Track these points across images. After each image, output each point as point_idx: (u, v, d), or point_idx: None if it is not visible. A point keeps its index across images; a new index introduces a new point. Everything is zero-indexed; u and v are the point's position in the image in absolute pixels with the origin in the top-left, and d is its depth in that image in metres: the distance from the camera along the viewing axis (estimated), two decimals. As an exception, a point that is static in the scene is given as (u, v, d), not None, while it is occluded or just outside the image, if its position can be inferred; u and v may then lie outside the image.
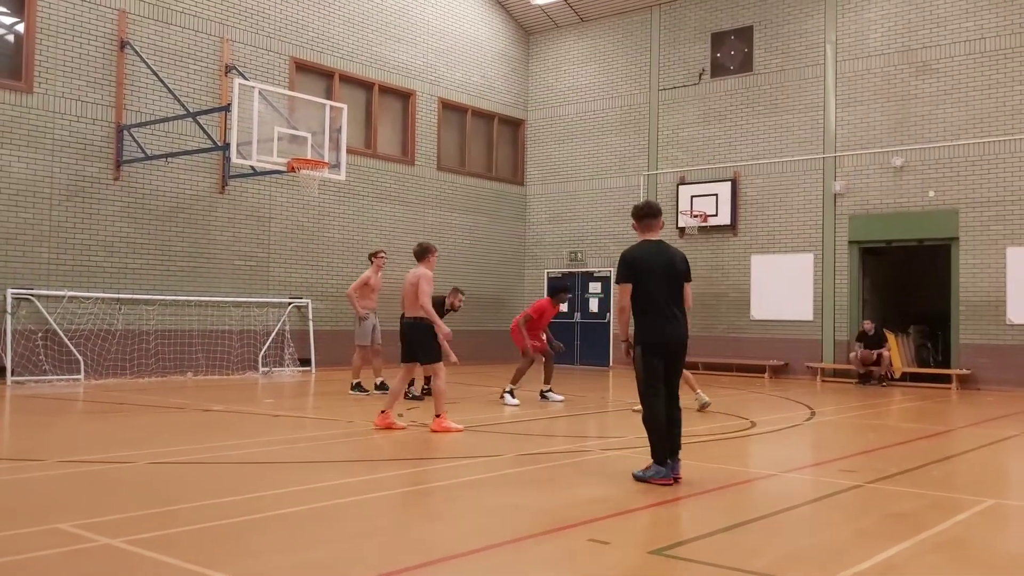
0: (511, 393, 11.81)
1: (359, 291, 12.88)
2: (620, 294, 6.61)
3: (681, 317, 6.61)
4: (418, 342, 9.13)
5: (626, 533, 5.18)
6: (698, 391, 11.19)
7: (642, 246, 6.68)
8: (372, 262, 13.13)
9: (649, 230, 6.73)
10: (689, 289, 6.75)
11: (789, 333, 18.32)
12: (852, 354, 16.89)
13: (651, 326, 6.54)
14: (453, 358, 9.73)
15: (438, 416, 9.02)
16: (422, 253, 9.40)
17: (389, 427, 9.08)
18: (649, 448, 6.50)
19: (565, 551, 4.79)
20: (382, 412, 9.19)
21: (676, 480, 6.40)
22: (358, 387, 12.82)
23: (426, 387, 12.64)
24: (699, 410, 10.99)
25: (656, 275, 6.52)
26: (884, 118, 17.39)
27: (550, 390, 12.37)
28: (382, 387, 13.03)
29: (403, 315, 9.41)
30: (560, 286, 12.78)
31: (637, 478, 6.47)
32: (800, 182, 18.38)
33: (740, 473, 7.08)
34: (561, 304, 12.54)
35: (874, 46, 17.62)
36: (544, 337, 12.44)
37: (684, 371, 10.97)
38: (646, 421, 6.51)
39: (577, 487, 6.52)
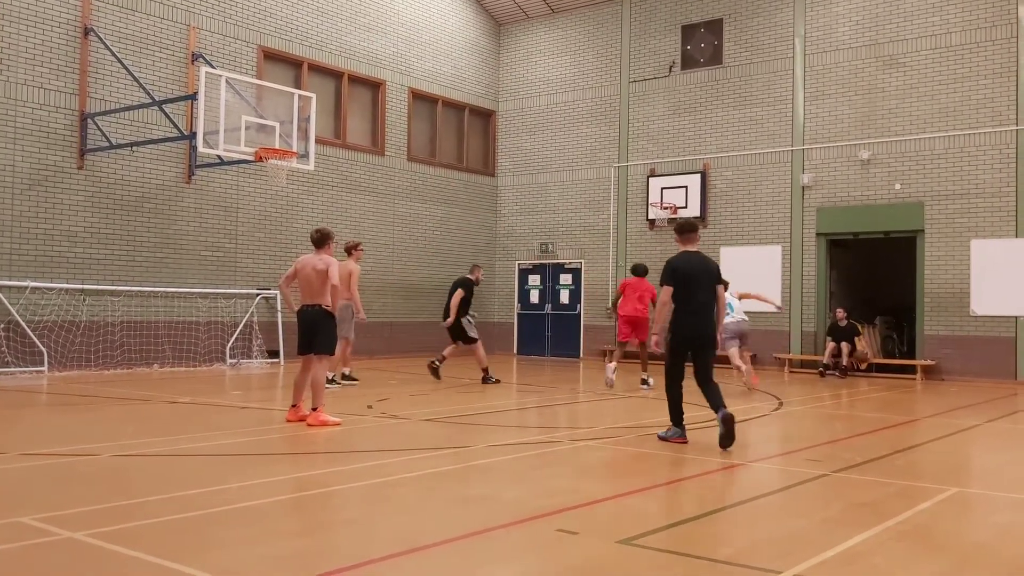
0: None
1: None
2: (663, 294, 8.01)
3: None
4: (320, 330, 8.84)
5: (594, 523, 5.20)
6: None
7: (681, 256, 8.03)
8: (351, 255, 12.68)
9: (689, 243, 8.11)
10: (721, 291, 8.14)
11: (757, 324, 18.40)
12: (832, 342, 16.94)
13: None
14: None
15: (315, 409, 8.73)
16: (325, 240, 9.04)
17: (301, 420, 8.84)
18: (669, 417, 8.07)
19: (534, 541, 4.80)
20: (293, 407, 8.98)
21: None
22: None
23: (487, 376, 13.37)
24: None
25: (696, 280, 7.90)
26: (851, 111, 17.55)
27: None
28: (349, 378, 12.99)
29: (303, 305, 8.94)
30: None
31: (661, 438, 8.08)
32: (769, 174, 18.51)
33: (708, 463, 7.13)
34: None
35: (842, 40, 17.76)
36: None
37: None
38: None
39: (546, 478, 6.54)
